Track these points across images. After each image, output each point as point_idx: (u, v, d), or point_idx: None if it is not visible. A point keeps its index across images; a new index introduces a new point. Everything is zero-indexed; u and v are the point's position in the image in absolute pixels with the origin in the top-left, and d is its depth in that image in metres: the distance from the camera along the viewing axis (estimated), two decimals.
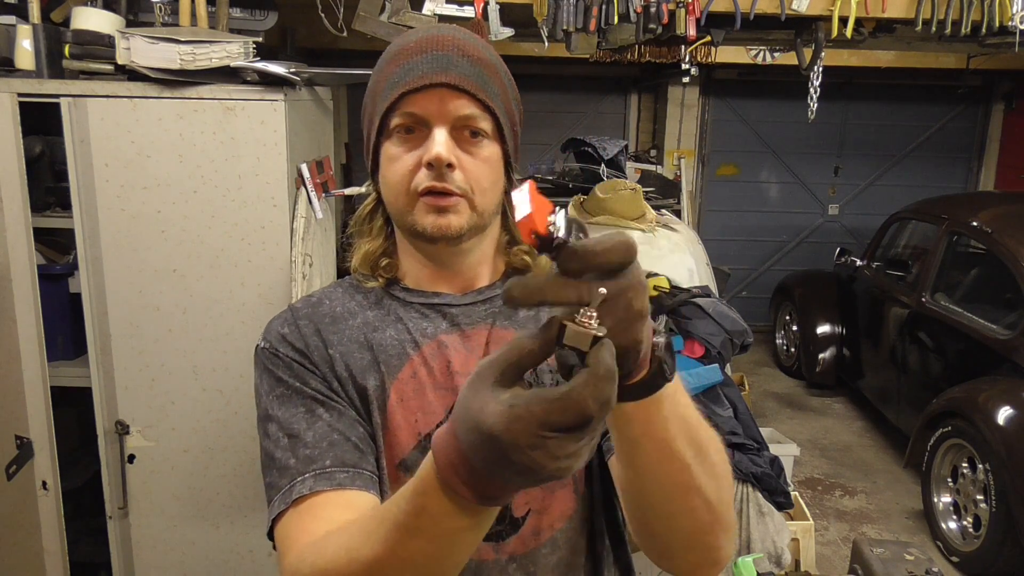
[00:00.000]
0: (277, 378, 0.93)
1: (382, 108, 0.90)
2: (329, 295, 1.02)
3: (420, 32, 0.92)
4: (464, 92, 0.88)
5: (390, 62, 0.92)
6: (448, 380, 0.93)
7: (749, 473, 2.46)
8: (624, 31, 2.89)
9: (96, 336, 2.23)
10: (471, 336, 0.96)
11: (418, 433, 0.91)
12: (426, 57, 0.88)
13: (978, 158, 7.19)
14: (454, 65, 0.88)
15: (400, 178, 0.91)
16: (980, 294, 4.27)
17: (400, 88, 0.88)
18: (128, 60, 2.06)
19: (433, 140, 0.88)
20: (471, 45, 0.91)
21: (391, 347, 0.95)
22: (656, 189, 5.02)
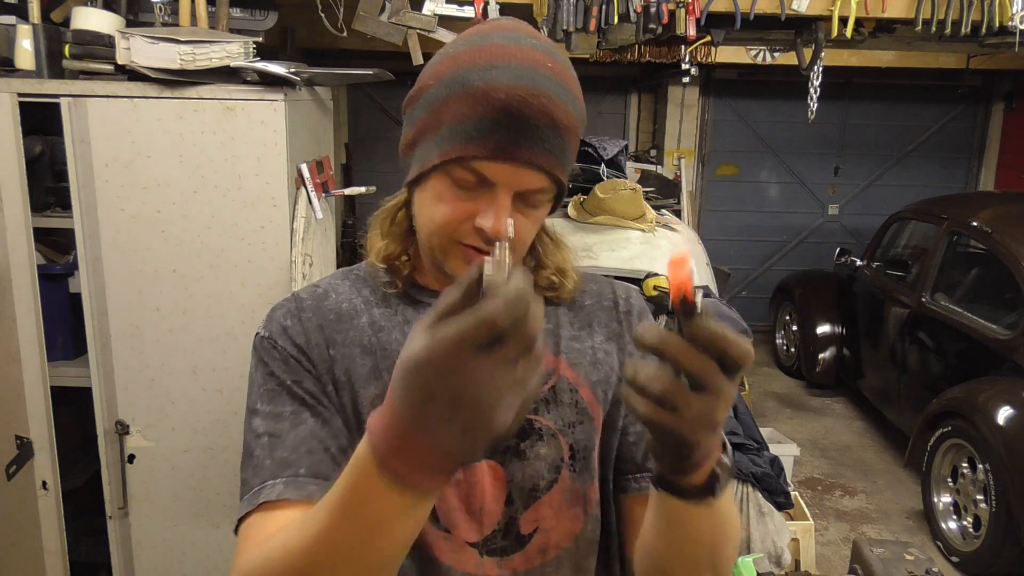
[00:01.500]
0: (270, 372, 0.89)
1: (446, 151, 0.81)
2: (336, 287, 0.97)
3: (509, 69, 0.78)
4: (541, 169, 0.81)
5: (467, 97, 0.79)
6: None
7: (749, 473, 2.46)
8: (624, 31, 2.90)
9: (96, 336, 2.23)
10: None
11: None
12: (512, 119, 0.78)
13: (978, 158, 7.19)
14: (540, 140, 0.79)
15: (442, 222, 0.84)
16: (980, 294, 4.27)
17: (474, 151, 0.79)
18: (128, 60, 2.06)
19: (497, 210, 0.81)
20: (560, 105, 0.80)
21: (395, 354, 0.89)
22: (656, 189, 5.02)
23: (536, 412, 0.91)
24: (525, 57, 0.80)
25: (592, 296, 1.02)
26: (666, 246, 3.36)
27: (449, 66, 0.82)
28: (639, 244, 3.31)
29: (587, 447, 0.92)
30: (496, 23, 0.85)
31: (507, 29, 0.83)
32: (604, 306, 1.01)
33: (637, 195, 3.46)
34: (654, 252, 3.29)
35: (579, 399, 0.93)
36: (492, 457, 0.89)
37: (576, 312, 0.99)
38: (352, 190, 2.85)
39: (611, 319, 1.00)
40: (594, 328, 0.99)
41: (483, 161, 0.79)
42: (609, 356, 0.98)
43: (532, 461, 0.90)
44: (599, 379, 0.95)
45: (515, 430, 0.61)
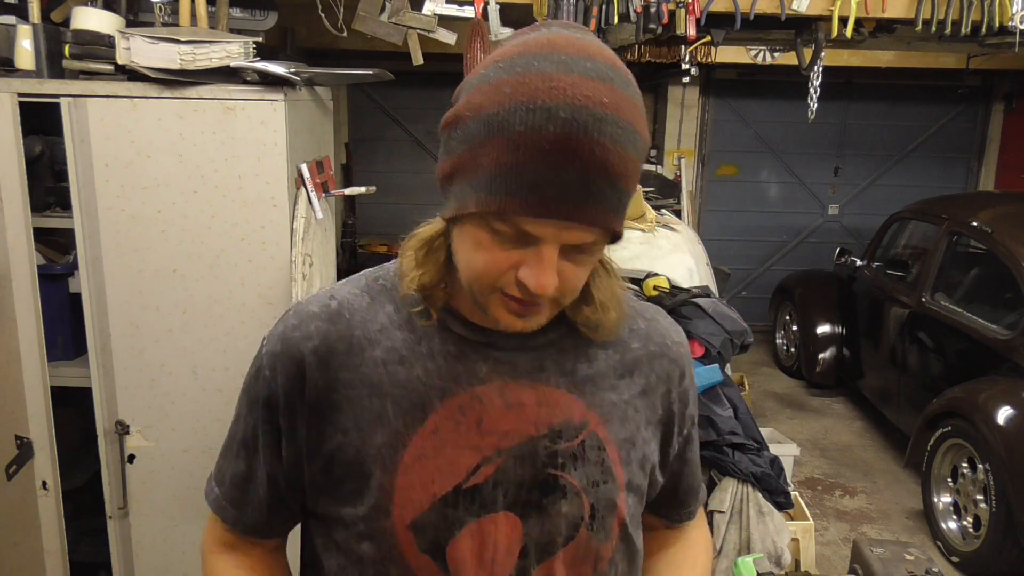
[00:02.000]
0: (245, 389, 0.92)
1: (483, 201, 0.72)
2: (351, 303, 0.88)
3: (557, 110, 0.68)
4: (593, 225, 0.72)
5: (507, 143, 0.69)
6: (475, 438, 0.84)
7: (749, 473, 2.46)
8: (624, 31, 2.90)
9: (96, 336, 2.23)
10: (512, 390, 0.85)
11: (434, 494, 0.83)
12: (558, 172, 0.68)
13: (978, 158, 7.19)
14: (591, 194, 0.70)
15: (482, 271, 0.76)
16: (980, 294, 4.27)
17: (515, 207, 0.70)
18: (128, 60, 2.06)
19: (542, 267, 0.73)
20: (617, 151, 0.69)
21: (414, 393, 0.84)
22: (656, 189, 5.02)
23: (563, 468, 0.86)
24: (578, 93, 0.68)
25: (640, 338, 0.94)
26: (666, 246, 3.36)
27: (490, 99, 0.71)
28: (639, 244, 3.31)
29: (607, 506, 0.89)
30: (547, 38, 0.72)
31: (559, 48, 0.71)
32: (650, 352, 0.94)
33: (637, 195, 3.46)
34: (654, 252, 3.29)
35: (606, 457, 0.89)
36: (512, 509, 0.85)
37: (621, 354, 0.92)
38: (352, 190, 2.85)
39: (651, 371, 0.93)
40: (634, 378, 0.92)
41: (525, 217, 0.71)
42: (638, 413, 0.92)
43: (552, 517, 0.86)
44: (626, 437, 0.91)
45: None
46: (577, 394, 0.87)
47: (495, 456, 0.84)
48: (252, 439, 0.90)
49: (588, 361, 0.89)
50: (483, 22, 2.71)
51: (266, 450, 0.89)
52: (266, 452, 0.89)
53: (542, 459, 0.85)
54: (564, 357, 0.88)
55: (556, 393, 0.86)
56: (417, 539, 0.83)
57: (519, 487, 0.84)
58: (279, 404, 0.86)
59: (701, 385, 2.58)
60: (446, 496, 0.83)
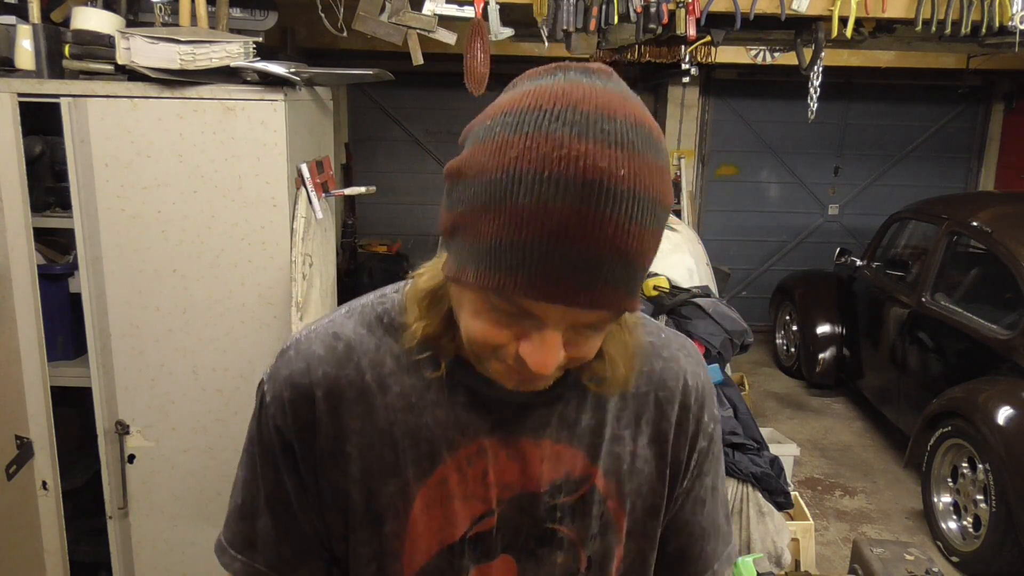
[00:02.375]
0: (252, 439, 0.86)
1: (482, 276, 0.66)
2: (360, 345, 0.83)
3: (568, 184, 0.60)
4: (602, 308, 0.66)
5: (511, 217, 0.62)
6: (481, 489, 0.82)
7: (749, 473, 2.46)
8: (624, 31, 2.90)
9: (96, 336, 2.23)
10: (516, 445, 0.83)
11: (441, 542, 0.83)
12: (565, 254, 0.61)
13: (978, 158, 7.19)
14: (601, 276, 0.63)
15: (480, 338, 0.71)
16: (980, 294, 4.27)
17: (515, 287, 0.64)
18: (128, 60, 2.06)
19: (544, 348, 0.68)
20: (633, 229, 0.62)
21: (423, 443, 0.82)
22: None
23: (560, 522, 0.84)
24: (591, 164, 0.61)
25: (651, 381, 0.88)
26: (666, 246, 3.35)
27: (493, 160, 0.64)
28: None
29: (605, 557, 0.87)
30: (563, 89, 0.64)
31: (575, 104, 0.63)
32: (661, 397, 0.88)
33: None
34: None
35: (606, 510, 0.86)
36: (509, 552, 0.85)
37: (628, 402, 0.87)
38: (352, 190, 2.85)
39: (662, 417, 0.88)
40: (641, 426, 0.87)
41: (527, 299, 0.65)
42: (648, 464, 0.88)
43: (547, 566, 0.85)
44: (632, 488, 0.87)
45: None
46: (580, 447, 0.84)
47: (497, 507, 0.83)
48: (277, 491, 0.85)
49: (593, 411, 0.85)
50: (483, 22, 2.71)
51: (298, 498, 0.84)
52: (298, 500, 0.85)
53: (542, 512, 0.84)
54: (569, 409, 0.84)
55: (558, 447, 0.84)
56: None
57: (517, 533, 0.84)
58: (296, 451, 0.83)
59: None
60: (452, 545, 0.83)
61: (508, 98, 0.67)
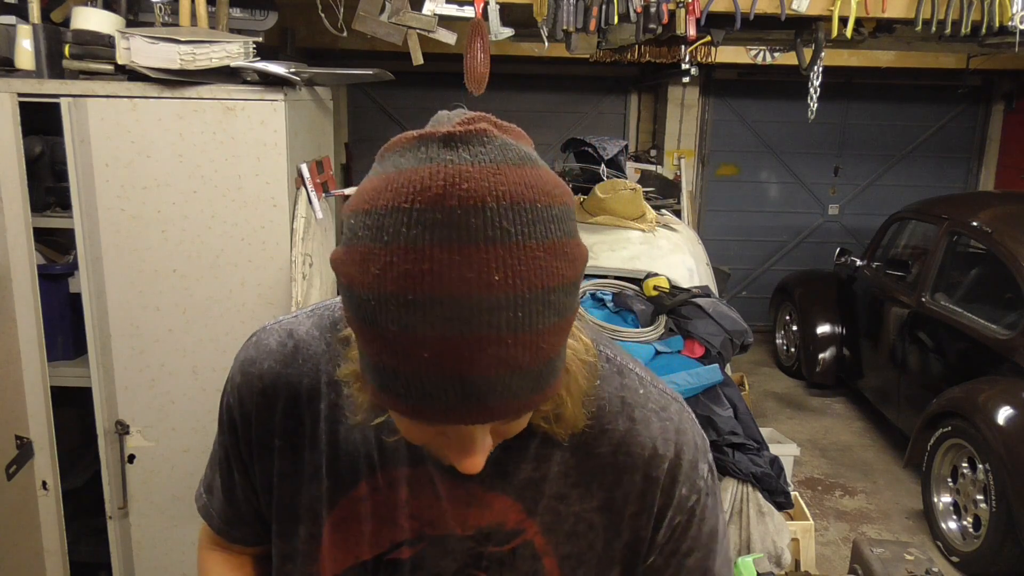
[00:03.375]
0: (223, 423, 0.89)
1: (379, 397, 0.61)
2: (308, 348, 0.82)
3: (433, 308, 0.54)
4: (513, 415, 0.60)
5: (383, 343, 0.56)
6: (401, 517, 0.79)
7: (749, 473, 2.46)
8: (624, 31, 2.90)
9: (96, 336, 2.23)
10: (445, 482, 0.78)
11: (356, 556, 0.82)
12: (453, 384, 0.56)
13: (978, 158, 7.19)
14: (494, 393, 0.57)
15: (408, 436, 0.68)
16: (980, 294, 4.27)
17: (410, 413, 0.59)
18: (128, 60, 2.06)
19: (464, 451, 0.64)
20: (523, 339, 0.56)
21: (348, 456, 0.80)
22: (656, 189, 5.03)
23: (487, 570, 0.79)
24: (457, 277, 0.53)
25: (612, 442, 0.79)
26: (666, 246, 3.36)
27: (360, 275, 0.57)
28: (639, 244, 3.31)
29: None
30: (423, 178, 0.55)
31: (435, 197, 0.54)
32: (619, 464, 0.79)
33: (637, 195, 3.46)
34: (654, 252, 3.29)
35: (540, 568, 0.79)
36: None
37: (580, 459, 0.79)
38: (352, 190, 2.84)
39: (617, 486, 0.79)
40: (592, 489, 0.79)
41: (419, 422, 0.60)
42: (592, 530, 0.80)
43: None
44: (570, 552, 0.80)
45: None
46: (515, 498, 0.78)
47: (416, 541, 0.79)
48: (225, 458, 0.90)
49: (536, 462, 0.78)
50: (483, 22, 2.71)
51: (238, 468, 0.89)
52: (238, 470, 0.89)
53: (465, 558, 0.79)
54: (508, 456, 0.77)
55: (489, 495, 0.77)
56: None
57: (439, 574, 0.80)
58: (238, 429, 0.86)
59: (701, 385, 2.58)
60: (366, 562, 0.82)
61: (371, 187, 0.59)
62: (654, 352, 2.66)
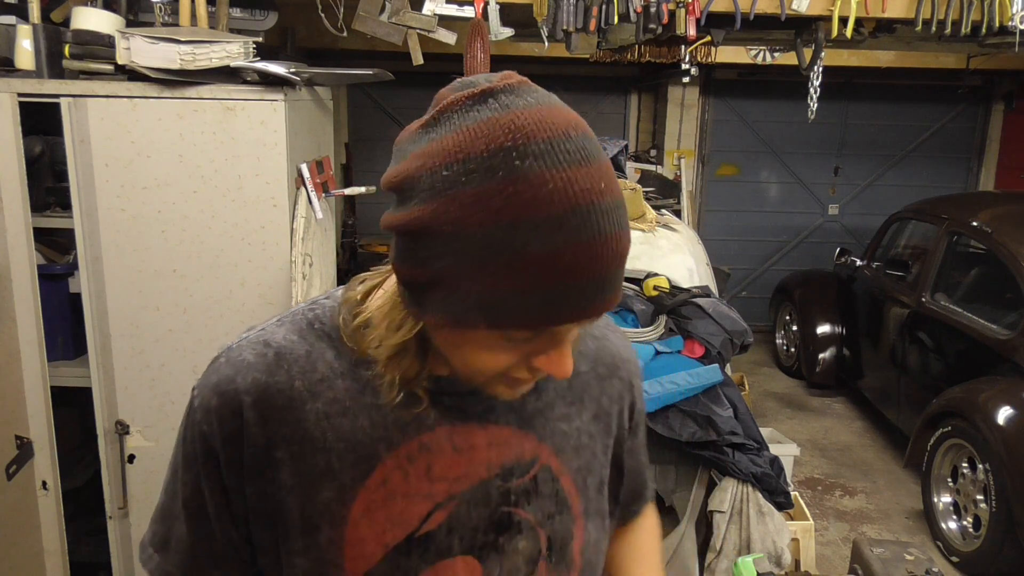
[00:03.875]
0: (195, 455, 0.83)
1: (499, 322, 0.67)
2: (289, 353, 0.82)
3: (569, 221, 0.62)
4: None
5: (522, 269, 0.63)
6: (425, 486, 0.81)
7: (749, 473, 2.46)
8: (624, 31, 2.90)
9: (96, 336, 2.23)
10: (461, 432, 0.82)
11: (386, 545, 0.81)
12: (585, 282, 0.64)
13: (978, 158, 7.19)
14: (612, 284, 0.67)
15: (494, 370, 0.73)
16: (980, 294, 4.27)
17: (541, 322, 0.66)
18: (128, 60, 2.06)
19: (562, 356, 0.71)
20: (625, 235, 0.66)
21: (359, 445, 0.80)
22: (656, 189, 5.03)
23: (516, 504, 0.84)
24: (577, 191, 0.62)
25: (588, 360, 0.92)
26: (666, 246, 3.36)
27: (474, 215, 0.63)
28: (639, 244, 3.31)
29: (564, 538, 0.88)
30: (510, 121, 0.64)
31: (531, 134, 0.63)
32: (599, 375, 0.92)
33: (637, 195, 3.46)
34: (654, 252, 3.29)
35: (559, 489, 0.87)
36: (469, 553, 0.83)
37: (571, 381, 0.89)
38: (352, 190, 2.85)
39: (601, 393, 0.92)
40: (584, 403, 0.90)
41: (552, 327, 0.68)
42: (593, 440, 0.91)
43: (510, 556, 0.84)
44: (580, 465, 0.89)
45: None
46: (527, 429, 0.85)
47: (447, 501, 0.82)
48: (194, 497, 0.84)
49: (536, 393, 0.86)
50: (483, 22, 2.71)
51: (214, 505, 0.83)
52: (215, 507, 0.83)
53: (495, 499, 0.83)
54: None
55: (505, 431, 0.84)
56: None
57: (474, 531, 0.83)
58: (220, 458, 0.81)
59: (701, 385, 2.58)
60: (398, 546, 0.81)
61: (452, 142, 0.65)
62: (654, 352, 2.66)
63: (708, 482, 2.60)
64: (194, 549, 0.85)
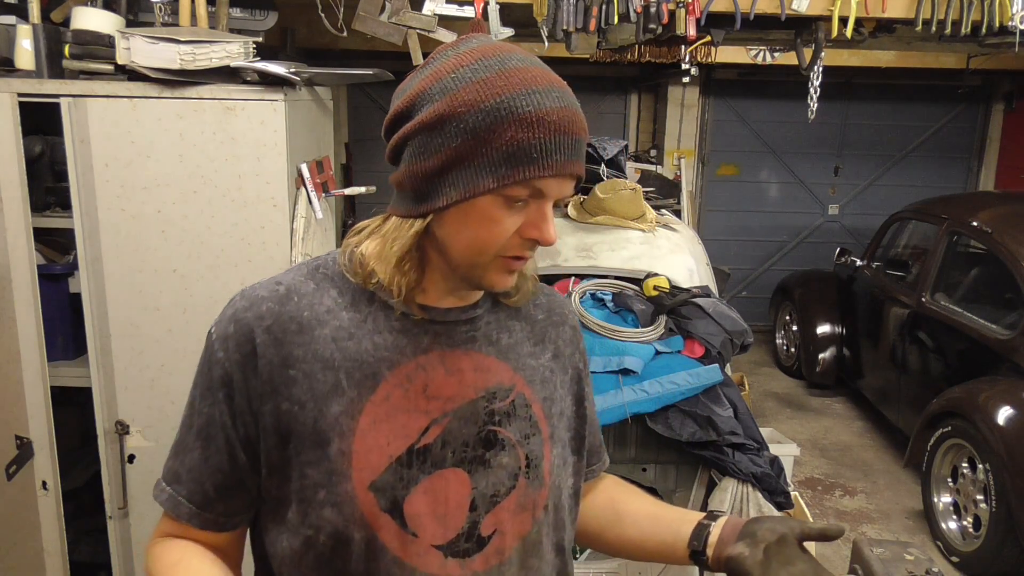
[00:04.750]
0: (196, 381, 0.95)
1: (506, 175, 0.84)
2: (298, 288, 0.94)
3: (548, 92, 0.85)
4: (577, 177, 0.90)
5: (521, 123, 0.83)
6: (423, 402, 0.93)
7: (749, 473, 2.46)
8: (624, 31, 2.90)
9: (96, 336, 2.23)
10: (451, 357, 0.95)
11: (390, 456, 0.90)
12: (566, 140, 0.85)
13: (978, 158, 7.19)
14: (579, 151, 0.87)
15: (493, 240, 0.88)
16: (980, 294, 4.27)
17: (538, 171, 0.84)
18: (128, 60, 2.06)
19: (547, 221, 0.89)
20: (584, 116, 0.89)
21: (365, 365, 0.92)
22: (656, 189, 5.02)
23: (499, 424, 0.97)
24: (551, 78, 0.87)
25: (543, 310, 1.08)
26: (666, 246, 3.35)
27: (484, 93, 0.84)
28: (639, 244, 3.31)
29: (538, 456, 0.99)
30: (490, 46, 0.88)
31: (503, 50, 0.87)
32: (554, 322, 1.08)
33: (637, 195, 3.46)
34: (654, 252, 3.28)
35: (532, 414, 1.00)
36: (460, 466, 0.94)
37: (532, 326, 1.05)
38: (352, 190, 2.85)
39: (558, 337, 1.08)
40: (545, 344, 1.06)
41: (545, 179, 0.85)
42: (554, 375, 1.05)
43: (495, 470, 0.96)
44: (546, 396, 1.03)
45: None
46: (504, 360, 0.99)
47: (441, 418, 0.93)
48: (208, 425, 0.93)
49: (508, 332, 1.02)
50: (483, 22, 2.71)
51: (224, 429, 0.92)
52: (225, 432, 0.92)
53: (482, 417, 0.96)
54: (489, 329, 1.00)
55: (487, 360, 0.98)
56: (378, 499, 0.90)
57: (464, 445, 0.94)
58: (234, 382, 0.90)
59: (701, 385, 2.58)
60: (400, 457, 0.91)
61: (453, 62, 0.87)
62: (654, 352, 2.66)
63: (708, 482, 2.60)
64: (202, 479, 0.94)
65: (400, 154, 0.91)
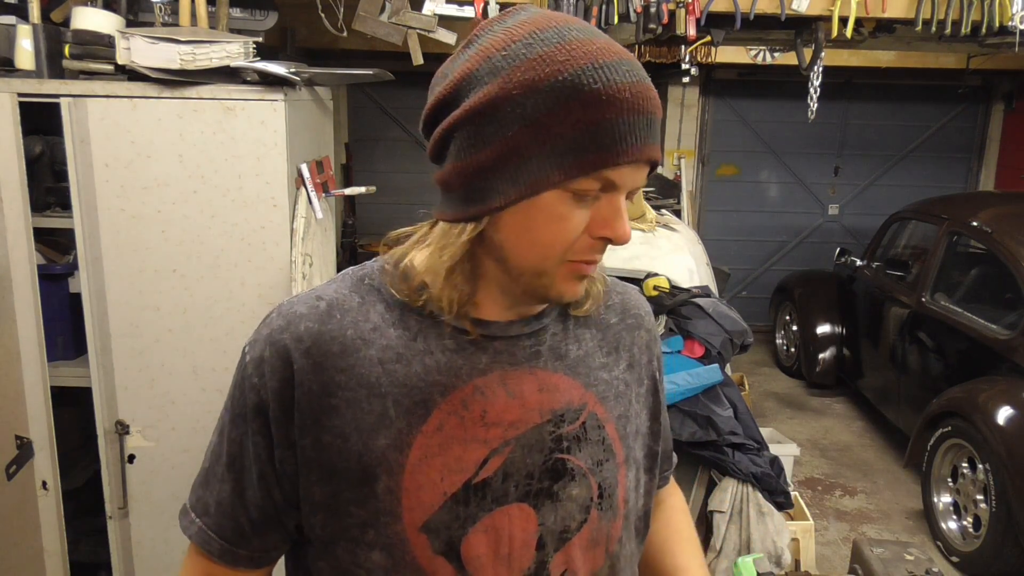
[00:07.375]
0: (228, 406, 0.86)
1: (574, 164, 0.72)
2: (342, 303, 0.83)
3: (617, 66, 0.72)
4: (653, 163, 0.77)
5: (586, 102, 0.71)
6: (481, 431, 0.82)
7: (749, 473, 2.46)
8: (624, 31, 2.90)
9: (96, 336, 2.23)
10: (513, 377, 0.84)
11: (444, 493, 0.81)
12: (640, 120, 0.73)
13: (978, 158, 7.19)
14: (656, 133, 0.75)
15: (563, 242, 0.76)
16: (980, 294, 4.27)
17: (611, 158, 0.72)
18: (128, 60, 2.06)
19: (620, 216, 0.76)
20: (657, 94, 0.76)
21: (415, 391, 0.81)
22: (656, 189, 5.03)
23: (568, 451, 0.86)
24: (617, 49, 0.74)
25: (616, 312, 0.96)
26: (666, 246, 3.36)
27: (541, 72, 0.71)
28: (639, 244, 3.31)
29: (612, 484, 0.89)
30: (541, 16, 0.76)
31: (558, 20, 0.75)
32: (628, 325, 0.96)
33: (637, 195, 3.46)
34: (654, 252, 3.29)
35: (605, 435, 0.89)
36: (524, 500, 0.83)
37: (604, 332, 0.93)
38: (352, 190, 2.85)
39: (633, 343, 0.96)
40: (620, 353, 0.94)
41: (619, 167, 0.73)
42: (628, 388, 0.94)
43: (564, 503, 0.85)
44: (620, 413, 0.92)
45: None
46: (573, 376, 0.88)
47: (502, 447, 0.82)
48: (240, 456, 0.84)
49: (577, 343, 0.90)
50: (483, 22, 2.71)
51: (259, 463, 0.83)
52: (259, 465, 0.83)
53: (548, 444, 0.84)
54: (556, 341, 0.88)
55: (554, 377, 0.86)
56: (431, 541, 0.81)
57: (529, 477, 0.83)
58: (269, 411, 0.81)
59: (701, 385, 2.58)
60: (456, 494, 0.81)
61: (502, 38, 0.75)
62: None
63: (708, 482, 2.60)
64: (235, 513, 0.86)
65: (445, 149, 0.78)
